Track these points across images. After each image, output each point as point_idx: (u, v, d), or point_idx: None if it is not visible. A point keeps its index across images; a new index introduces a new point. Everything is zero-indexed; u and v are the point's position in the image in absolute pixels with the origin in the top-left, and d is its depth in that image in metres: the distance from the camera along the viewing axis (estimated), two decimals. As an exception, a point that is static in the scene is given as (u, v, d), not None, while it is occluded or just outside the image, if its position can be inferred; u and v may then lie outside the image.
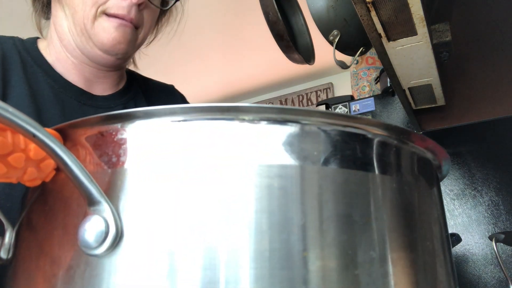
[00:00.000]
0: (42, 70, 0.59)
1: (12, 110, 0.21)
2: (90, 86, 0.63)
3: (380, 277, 0.25)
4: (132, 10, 0.57)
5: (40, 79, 0.58)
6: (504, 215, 1.02)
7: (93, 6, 0.55)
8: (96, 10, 0.55)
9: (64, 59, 0.61)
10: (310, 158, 0.25)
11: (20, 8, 0.72)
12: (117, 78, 0.67)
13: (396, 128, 0.29)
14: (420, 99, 1.01)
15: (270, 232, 0.23)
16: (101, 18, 0.56)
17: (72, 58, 0.61)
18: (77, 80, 0.62)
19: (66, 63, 0.61)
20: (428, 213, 0.31)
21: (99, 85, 0.64)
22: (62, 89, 0.59)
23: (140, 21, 0.59)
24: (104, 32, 0.56)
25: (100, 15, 0.56)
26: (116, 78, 0.67)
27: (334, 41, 0.81)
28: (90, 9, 0.55)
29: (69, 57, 0.61)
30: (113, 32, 0.56)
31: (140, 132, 0.26)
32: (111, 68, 0.64)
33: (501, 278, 0.98)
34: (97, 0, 0.55)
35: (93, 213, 0.24)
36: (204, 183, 0.24)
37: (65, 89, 0.60)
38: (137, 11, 0.57)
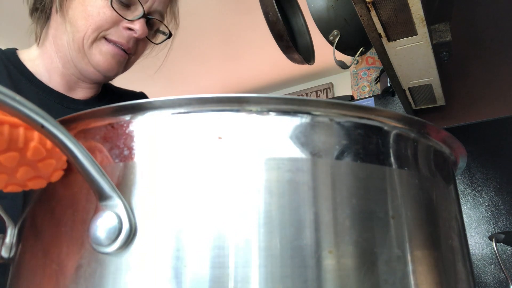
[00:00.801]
0: (25, 77, 0.63)
1: (19, 98, 0.20)
2: (71, 92, 0.67)
3: (405, 276, 0.24)
4: (131, 41, 0.62)
5: (23, 86, 0.62)
6: (504, 215, 1.01)
7: (96, 31, 0.59)
8: (98, 34, 0.59)
9: (55, 68, 0.64)
10: (323, 151, 0.24)
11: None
12: (96, 89, 0.72)
13: (414, 119, 0.28)
14: (420, 99, 1.01)
15: (280, 228, 0.23)
16: (100, 42, 0.60)
17: (63, 69, 0.64)
18: (60, 88, 0.65)
19: (55, 72, 0.65)
20: (448, 210, 0.30)
21: (79, 92, 0.69)
22: (45, 94, 0.63)
23: (134, 50, 0.65)
24: (100, 55, 0.60)
25: (100, 39, 0.60)
26: (96, 89, 0.72)
27: (334, 41, 0.81)
28: (92, 33, 0.59)
29: (60, 67, 0.64)
30: (109, 58, 0.61)
31: (152, 124, 0.25)
32: (96, 83, 0.69)
33: (501, 278, 0.98)
34: (100, 25, 0.58)
35: (105, 208, 0.23)
36: (215, 178, 0.24)
37: (47, 94, 0.64)
38: (134, 42, 0.63)
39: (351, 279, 0.23)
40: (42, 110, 0.21)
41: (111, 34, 0.60)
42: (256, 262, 0.22)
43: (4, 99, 0.19)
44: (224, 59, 2.78)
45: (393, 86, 0.92)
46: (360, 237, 0.24)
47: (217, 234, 0.22)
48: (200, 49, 2.59)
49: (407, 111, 1.07)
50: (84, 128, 0.27)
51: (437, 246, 0.27)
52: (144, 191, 0.24)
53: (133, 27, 0.60)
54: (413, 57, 0.76)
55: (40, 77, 0.64)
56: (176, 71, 2.88)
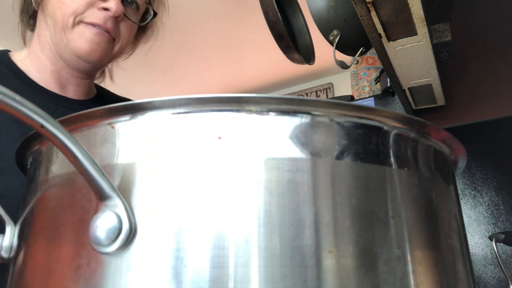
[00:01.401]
0: (17, 77, 0.63)
1: (19, 98, 0.20)
2: (64, 91, 0.68)
3: (405, 276, 0.24)
4: (109, 21, 0.61)
5: (16, 85, 0.62)
6: (504, 215, 1.01)
7: (71, 15, 0.59)
8: (74, 19, 0.59)
9: (43, 67, 0.65)
10: (323, 151, 0.24)
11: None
12: (88, 86, 0.72)
13: (413, 119, 0.28)
14: (420, 99, 1.01)
15: (280, 228, 0.23)
16: (79, 26, 0.60)
17: (51, 66, 0.65)
18: (52, 86, 0.66)
19: (45, 70, 0.65)
20: (448, 210, 0.30)
21: (72, 91, 0.69)
22: (38, 93, 0.63)
23: (116, 32, 0.63)
24: (80, 39, 0.60)
25: (78, 23, 0.60)
26: (88, 86, 0.72)
27: (334, 41, 0.81)
28: (69, 18, 0.59)
29: (48, 65, 0.65)
30: (88, 41, 0.60)
31: (152, 124, 0.26)
32: (85, 75, 0.69)
33: (501, 278, 0.98)
34: (75, 10, 0.59)
35: (105, 208, 0.23)
36: (215, 178, 0.24)
37: (40, 93, 0.64)
38: (114, 22, 0.62)
39: (351, 279, 0.23)
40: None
41: (87, 17, 0.60)
42: (256, 262, 0.22)
43: (4, 99, 0.19)
44: (224, 59, 2.78)
45: (393, 86, 0.92)
46: (360, 237, 0.24)
47: (217, 234, 0.22)
48: (200, 49, 2.59)
49: (407, 111, 1.07)
50: (84, 128, 0.27)
51: (437, 246, 0.27)
52: (144, 191, 0.24)
53: (107, 5, 0.59)
54: (413, 57, 0.76)
55: (32, 76, 0.64)
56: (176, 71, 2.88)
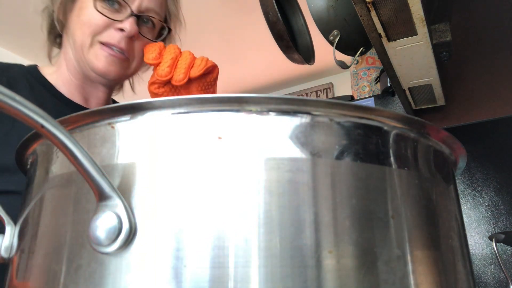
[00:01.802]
0: (46, 89, 0.69)
1: (19, 99, 0.20)
2: (87, 103, 0.74)
3: (405, 276, 0.24)
4: (123, 41, 0.64)
5: (45, 97, 0.68)
6: (504, 215, 1.01)
7: (89, 35, 0.63)
8: (92, 39, 0.63)
9: (68, 81, 0.71)
10: (323, 151, 0.25)
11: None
12: (108, 98, 0.78)
13: (413, 119, 0.28)
14: (420, 99, 1.01)
15: (280, 228, 0.23)
16: (96, 46, 0.64)
17: (75, 81, 0.71)
18: (77, 98, 0.72)
19: (70, 85, 0.71)
20: (448, 210, 0.30)
21: (94, 103, 0.75)
22: (64, 104, 0.69)
23: (131, 52, 0.66)
24: (96, 60, 0.64)
25: (95, 43, 0.64)
26: (108, 98, 0.77)
27: (334, 41, 0.81)
28: (87, 38, 0.63)
29: (72, 80, 0.71)
30: (103, 61, 0.64)
31: (152, 124, 0.26)
32: (105, 89, 0.75)
33: (501, 278, 0.98)
34: (93, 30, 0.63)
35: (105, 208, 0.23)
36: (215, 178, 0.24)
37: (66, 104, 0.69)
38: (128, 42, 0.64)
39: (351, 279, 0.23)
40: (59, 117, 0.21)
41: (104, 37, 0.63)
42: (256, 262, 0.22)
43: (4, 99, 0.19)
44: (224, 59, 2.78)
45: (393, 86, 0.92)
46: (360, 237, 0.24)
47: (217, 234, 0.22)
48: (200, 49, 2.59)
49: (407, 111, 1.07)
50: (84, 128, 0.27)
51: (437, 246, 0.27)
52: (144, 191, 0.24)
53: (122, 26, 0.62)
54: (413, 57, 0.76)
55: (60, 89, 0.70)
56: (176, 71, 2.88)
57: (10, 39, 2.39)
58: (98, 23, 0.62)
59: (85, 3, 0.63)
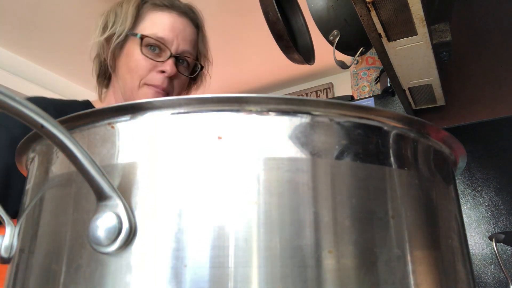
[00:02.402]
0: None
1: (19, 99, 0.19)
2: None
3: (405, 276, 0.24)
4: (165, 82, 0.76)
5: None
6: (504, 215, 1.01)
7: (137, 79, 0.75)
8: (139, 82, 0.75)
9: None
10: (322, 151, 0.25)
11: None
12: None
13: (413, 119, 0.28)
14: (420, 99, 1.01)
15: (280, 228, 0.23)
16: (143, 87, 0.76)
17: None
18: None
19: None
20: (448, 210, 0.30)
21: None
22: None
23: (170, 88, 0.78)
24: (144, 97, 0.73)
25: (142, 85, 0.76)
26: None
27: (334, 41, 0.81)
28: (136, 81, 0.75)
29: None
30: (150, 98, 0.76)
31: (152, 124, 0.26)
32: None
33: (501, 278, 0.98)
34: (140, 75, 0.75)
35: (105, 208, 0.23)
36: (215, 178, 0.24)
37: None
38: (169, 81, 0.77)
39: (351, 279, 0.23)
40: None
41: (149, 80, 0.75)
42: (256, 262, 0.22)
43: (4, 99, 0.19)
44: (224, 59, 2.78)
45: (393, 86, 0.92)
46: (360, 237, 0.24)
47: (217, 234, 0.22)
48: (200, 49, 2.59)
49: (407, 111, 1.07)
50: (84, 128, 0.27)
51: (437, 246, 0.27)
52: (144, 191, 0.24)
53: (164, 68, 0.74)
54: (413, 57, 0.76)
55: None
56: (176, 71, 2.88)
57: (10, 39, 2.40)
58: (144, 67, 0.74)
59: (131, 50, 0.76)
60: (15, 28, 2.29)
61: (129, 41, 0.76)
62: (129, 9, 0.76)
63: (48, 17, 2.22)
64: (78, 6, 2.16)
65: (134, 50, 0.75)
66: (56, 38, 2.39)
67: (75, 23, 2.29)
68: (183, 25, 0.79)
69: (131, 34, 0.75)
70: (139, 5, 0.78)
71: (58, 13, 2.20)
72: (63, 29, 2.32)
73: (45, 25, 2.27)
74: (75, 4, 2.15)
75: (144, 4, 0.78)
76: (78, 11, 2.20)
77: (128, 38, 0.76)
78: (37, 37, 2.36)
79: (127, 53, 0.76)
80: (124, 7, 0.77)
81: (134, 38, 0.75)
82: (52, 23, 2.26)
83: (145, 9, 0.78)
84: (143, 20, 0.77)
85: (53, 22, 2.26)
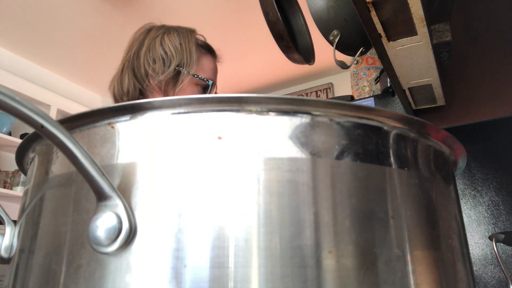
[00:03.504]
0: None
1: (19, 99, 0.19)
2: None
3: (405, 276, 0.24)
4: None
5: None
6: (504, 215, 1.01)
7: None
8: None
9: None
10: (322, 151, 0.25)
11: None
12: None
13: (413, 119, 0.28)
14: (420, 99, 1.01)
15: (280, 228, 0.23)
16: None
17: None
18: None
19: None
20: (448, 210, 0.30)
21: None
22: None
23: None
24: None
25: None
26: None
27: (334, 41, 0.81)
28: None
29: None
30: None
31: (152, 124, 0.26)
32: None
33: (501, 278, 0.98)
34: None
35: (105, 209, 0.23)
36: (215, 178, 0.24)
37: None
38: None
39: (351, 279, 0.23)
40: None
41: None
42: (256, 262, 0.22)
43: (4, 99, 0.19)
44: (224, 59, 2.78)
45: (393, 86, 0.92)
46: (360, 237, 0.24)
47: (217, 234, 0.22)
48: (200, 49, 2.59)
49: (407, 111, 1.07)
50: (84, 128, 0.27)
51: (437, 246, 0.27)
52: (144, 191, 0.24)
53: None
54: (413, 57, 0.76)
55: None
56: (176, 71, 2.88)
57: (10, 39, 2.40)
58: None
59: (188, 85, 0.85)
60: (15, 28, 2.29)
61: (188, 78, 0.85)
62: (192, 49, 0.86)
63: (48, 17, 2.22)
64: (78, 6, 2.16)
65: (192, 86, 0.86)
66: (56, 37, 2.40)
67: (75, 23, 2.29)
68: (217, 68, 0.97)
69: (198, 77, 0.86)
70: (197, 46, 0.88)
71: (58, 12, 2.20)
72: (63, 29, 2.32)
73: (45, 24, 2.27)
74: (75, 4, 2.14)
75: (196, 44, 0.89)
76: (78, 11, 2.20)
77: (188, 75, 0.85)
78: (37, 37, 2.36)
79: (184, 88, 0.85)
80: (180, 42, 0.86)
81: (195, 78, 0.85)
82: (52, 23, 2.26)
83: (198, 50, 0.89)
84: (199, 62, 0.88)
85: (53, 22, 2.26)
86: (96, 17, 2.24)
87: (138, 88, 0.85)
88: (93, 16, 2.24)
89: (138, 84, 0.85)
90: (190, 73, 0.85)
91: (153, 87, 0.84)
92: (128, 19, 2.27)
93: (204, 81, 0.87)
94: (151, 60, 0.84)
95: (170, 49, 0.84)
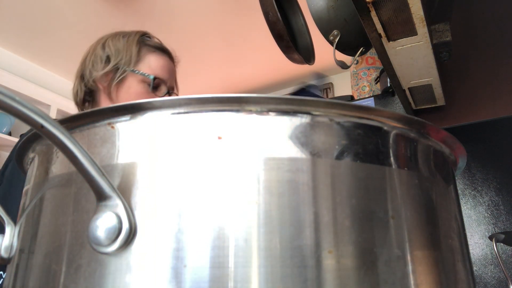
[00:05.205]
0: None
1: (19, 99, 0.19)
2: None
3: (405, 276, 0.24)
4: None
5: None
6: (504, 215, 1.01)
7: None
8: None
9: None
10: (322, 151, 0.25)
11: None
12: None
13: (413, 119, 0.28)
14: (420, 99, 1.01)
15: (280, 228, 0.23)
16: None
17: None
18: None
19: None
20: (448, 210, 0.30)
21: None
22: None
23: None
24: None
25: None
26: None
27: (334, 41, 0.81)
28: None
29: None
30: None
31: (152, 124, 0.26)
32: None
33: (501, 278, 0.98)
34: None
35: (105, 209, 0.23)
36: (215, 178, 0.24)
37: None
38: None
39: (351, 279, 0.23)
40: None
41: None
42: (256, 262, 0.22)
43: (4, 99, 0.19)
44: (224, 59, 2.78)
45: (393, 86, 0.92)
46: (360, 237, 0.24)
47: (217, 234, 0.22)
48: (200, 49, 2.59)
49: (407, 111, 1.07)
50: (84, 128, 0.27)
51: (437, 246, 0.27)
52: (144, 191, 0.24)
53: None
54: (413, 57, 0.76)
55: None
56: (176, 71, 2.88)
57: (10, 39, 2.40)
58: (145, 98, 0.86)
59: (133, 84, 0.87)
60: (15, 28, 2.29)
61: (131, 76, 0.87)
62: (132, 48, 0.88)
63: (48, 17, 2.22)
64: (78, 6, 2.16)
65: (136, 84, 0.87)
66: (56, 37, 2.40)
67: (75, 23, 2.29)
68: (172, 67, 0.98)
69: (139, 73, 0.87)
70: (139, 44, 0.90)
71: (58, 13, 2.20)
72: (63, 29, 2.32)
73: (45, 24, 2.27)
74: (75, 4, 2.15)
75: (142, 43, 0.91)
76: (78, 11, 2.20)
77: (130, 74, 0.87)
78: (37, 37, 2.36)
79: (129, 86, 0.87)
80: (123, 43, 0.88)
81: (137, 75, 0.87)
82: (52, 23, 2.26)
83: (144, 49, 0.90)
84: (143, 60, 0.89)
85: (53, 22, 2.26)
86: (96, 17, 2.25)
87: (84, 91, 0.89)
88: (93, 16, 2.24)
89: (84, 87, 0.89)
90: (128, 69, 0.87)
91: (98, 88, 0.88)
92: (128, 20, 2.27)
93: (145, 76, 0.87)
94: (94, 61, 0.88)
95: (111, 49, 0.88)
